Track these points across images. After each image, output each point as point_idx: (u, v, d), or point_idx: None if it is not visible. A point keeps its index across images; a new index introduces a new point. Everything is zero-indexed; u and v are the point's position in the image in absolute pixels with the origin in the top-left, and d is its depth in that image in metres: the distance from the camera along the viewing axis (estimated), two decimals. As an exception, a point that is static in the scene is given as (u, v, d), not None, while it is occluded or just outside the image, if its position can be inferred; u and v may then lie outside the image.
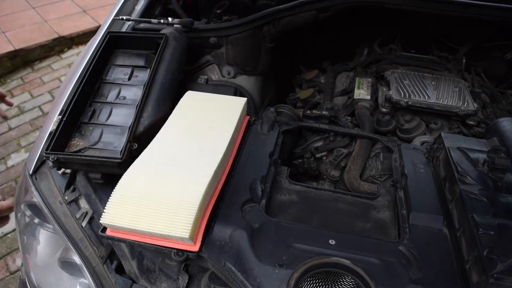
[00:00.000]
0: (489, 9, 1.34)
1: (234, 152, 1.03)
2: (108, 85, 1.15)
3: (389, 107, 1.40)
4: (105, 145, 0.99)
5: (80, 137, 1.01)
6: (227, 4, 1.67)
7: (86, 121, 1.05)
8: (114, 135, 1.02)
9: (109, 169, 0.96)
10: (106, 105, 1.09)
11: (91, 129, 1.03)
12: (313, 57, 1.89)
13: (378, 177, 1.18)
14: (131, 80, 1.16)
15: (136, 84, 1.15)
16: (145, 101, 1.08)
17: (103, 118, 1.06)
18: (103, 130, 1.03)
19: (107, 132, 1.02)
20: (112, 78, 1.17)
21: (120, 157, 0.93)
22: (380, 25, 1.79)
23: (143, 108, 1.07)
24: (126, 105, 1.09)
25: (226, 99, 1.16)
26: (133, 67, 1.19)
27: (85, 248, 1.00)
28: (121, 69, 1.19)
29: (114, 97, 1.11)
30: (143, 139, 1.00)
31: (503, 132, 1.04)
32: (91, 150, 0.98)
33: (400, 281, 0.76)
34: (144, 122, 1.04)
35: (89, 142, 1.00)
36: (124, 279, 0.95)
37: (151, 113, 1.06)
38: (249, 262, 0.78)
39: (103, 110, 1.08)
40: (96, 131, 1.02)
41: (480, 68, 1.73)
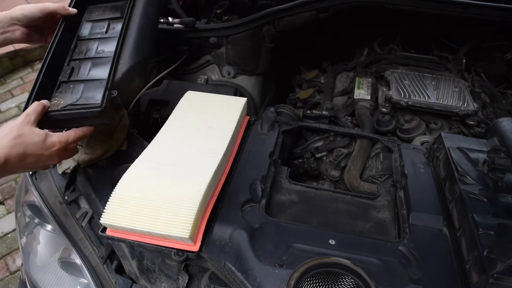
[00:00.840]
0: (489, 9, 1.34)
1: (234, 152, 1.03)
2: (85, 42, 1.09)
3: (389, 107, 1.40)
4: (87, 100, 0.95)
5: (61, 96, 0.96)
6: (227, 4, 1.67)
7: (65, 79, 1.00)
8: (95, 89, 0.97)
9: (91, 121, 0.94)
10: (85, 61, 1.04)
11: (71, 87, 0.98)
12: (313, 57, 1.89)
13: (378, 177, 1.18)
14: (108, 33, 1.10)
15: (113, 36, 1.09)
16: (121, 48, 1.04)
17: (83, 74, 1.01)
18: (83, 86, 0.98)
19: (88, 87, 0.98)
20: (88, 34, 1.11)
21: (99, 104, 0.90)
22: (380, 25, 1.79)
23: (120, 55, 1.03)
24: (105, 57, 1.04)
25: (226, 99, 1.16)
26: (109, 19, 1.13)
27: (85, 248, 1.00)
28: (97, 24, 1.13)
29: (92, 52, 1.06)
30: (122, 85, 0.99)
31: (503, 132, 1.04)
32: (73, 106, 0.94)
33: (400, 281, 0.76)
34: (122, 69, 1.01)
35: (70, 100, 0.95)
36: (124, 279, 0.95)
37: (128, 60, 1.03)
38: (249, 262, 0.78)
39: (82, 66, 1.03)
40: (77, 88, 0.98)
41: (480, 68, 1.73)
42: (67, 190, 1.07)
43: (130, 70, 1.02)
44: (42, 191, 1.09)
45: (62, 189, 1.07)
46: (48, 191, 1.09)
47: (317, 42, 1.91)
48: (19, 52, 3.46)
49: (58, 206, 1.06)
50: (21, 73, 3.45)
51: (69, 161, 1.07)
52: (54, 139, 0.86)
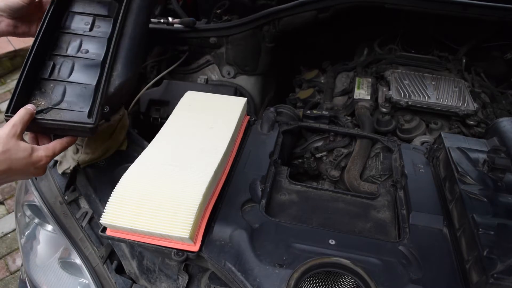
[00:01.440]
0: (489, 9, 1.34)
1: (234, 152, 1.03)
2: (67, 36, 1.00)
3: (389, 107, 1.40)
4: (69, 105, 0.90)
5: (41, 96, 0.91)
6: (227, 4, 1.67)
7: (46, 76, 0.93)
8: (78, 94, 0.92)
9: (79, 133, 0.92)
10: (67, 59, 0.96)
11: (52, 86, 0.92)
12: (313, 57, 1.89)
13: (378, 177, 1.18)
14: (93, 31, 1.02)
15: (99, 36, 1.01)
16: (114, 58, 0.98)
17: (64, 74, 0.94)
18: (66, 88, 0.92)
19: (71, 90, 0.92)
20: (71, 27, 1.02)
21: (93, 122, 0.87)
22: (380, 25, 1.79)
23: (113, 67, 0.97)
24: (90, 59, 0.97)
25: (226, 99, 1.16)
26: (94, 15, 1.04)
27: (85, 248, 1.00)
28: (81, 17, 1.04)
29: (75, 50, 0.98)
30: (113, 100, 0.95)
31: (503, 132, 1.04)
32: (55, 111, 0.89)
33: (400, 281, 0.76)
34: (115, 82, 0.95)
35: (51, 101, 0.90)
36: (124, 279, 0.95)
37: (121, 72, 0.97)
38: (249, 262, 0.78)
39: (64, 64, 0.95)
40: (58, 89, 0.92)
41: (480, 68, 1.73)
42: (67, 190, 1.07)
43: (122, 85, 0.97)
44: (42, 191, 1.09)
45: (62, 189, 1.07)
46: (48, 191, 1.09)
47: (317, 42, 1.91)
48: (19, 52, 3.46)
49: (58, 206, 1.06)
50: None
51: (69, 161, 1.07)
52: (40, 153, 0.84)
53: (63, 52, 0.98)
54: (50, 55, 0.97)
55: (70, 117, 0.88)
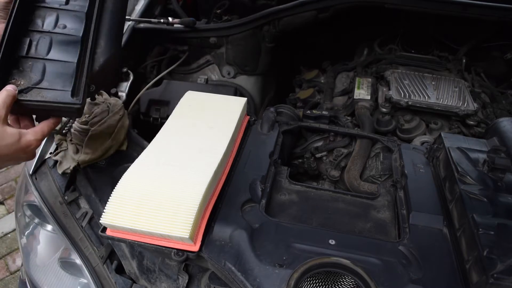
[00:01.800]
0: (489, 9, 1.34)
1: (234, 152, 1.03)
2: (42, 10, 0.93)
3: (389, 107, 1.40)
4: (51, 84, 0.85)
5: (20, 75, 0.85)
6: (227, 4, 1.67)
7: (23, 54, 0.87)
8: (59, 72, 0.87)
9: (65, 114, 0.88)
10: (44, 35, 0.90)
11: (30, 65, 0.86)
12: (313, 57, 1.89)
13: (378, 177, 1.18)
14: (70, 4, 0.95)
15: (76, 10, 0.94)
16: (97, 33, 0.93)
17: (42, 51, 0.88)
18: (45, 66, 0.87)
19: (50, 69, 0.87)
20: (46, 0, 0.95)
21: (79, 102, 0.84)
22: (380, 25, 1.79)
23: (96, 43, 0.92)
24: (68, 35, 0.91)
25: (226, 99, 1.16)
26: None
27: (85, 248, 1.00)
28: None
29: (51, 25, 0.92)
30: (98, 79, 0.91)
31: (503, 132, 1.04)
32: (36, 91, 0.84)
33: (400, 281, 0.76)
34: (99, 59, 0.91)
35: (31, 81, 0.84)
36: (124, 279, 0.95)
37: (105, 49, 0.93)
38: (249, 262, 0.78)
39: (41, 41, 0.89)
40: (37, 67, 0.86)
41: (480, 68, 1.73)
42: (67, 190, 1.07)
43: (108, 61, 0.92)
44: (42, 191, 1.09)
45: (62, 189, 1.07)
46: (48, 191, 1.09)
47: (317, 42, 1.91)
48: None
49: (58, 206, 1.06)
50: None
51: (69, 161, 1.07)
52: (29, 138, 0.80)
53: (39, 28, 0.91)
54: (26, 31, 0.90)
55: (53, 97, 0.84)
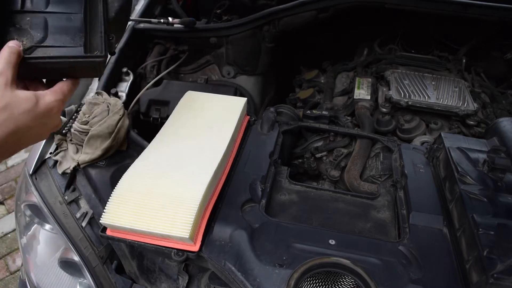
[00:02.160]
0: (489, 9, 1.34)
1: (234, 152, 1.03)
2: None
3: (389, 107, 1.40)
4: (57, 41, 0.71)
5: (18, 33, 0.71)
6: (227, 4, 1.67)
7: (17, 8, 0.72)
8: (64, 27, 0.73)
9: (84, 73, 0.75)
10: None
11: (28, 20, 0.72)
12: (313, 57, 1.89)
13: (378, 177, 1.18)
14: None
15: None
16: None
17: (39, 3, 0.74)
18: (46, 21, 0.73)
19: (53, 23, 0.73)
20: None
21: (102, 54, 0.72)
22: (380, 25, 1.79)
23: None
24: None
25: (226, 99, 1.16)
26: None
27: (85, 248, 1.00)
28: None
29: None
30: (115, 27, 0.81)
31: (503, 132, 1.04)
32: (42, 50, 0.70)
33: (400, 281, 0.76)
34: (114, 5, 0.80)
35: (33, 39, 0.70)
36: (124, 279, 0.95)
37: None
38: (249, 262, 0.78)
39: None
40: (37, 23, 0.72)
41: (480, 68, 1.73)
42: (67, 190, 1.07)
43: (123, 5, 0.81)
44: (42, 191, 1.09)
45: (62, 189, 1.07)
46: (48, 191, 1.09)
47: (317, 42, 1.91)
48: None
49: (58, 206, 1.06)
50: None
51: (69, 161, 1.07)
52: (48, 99, 0.66)
53: None
54: None
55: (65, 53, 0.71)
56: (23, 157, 2.70)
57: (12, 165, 2.67)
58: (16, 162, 2.69)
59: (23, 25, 0.72)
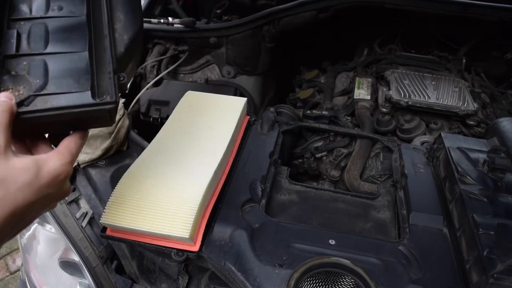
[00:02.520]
0: (489, 9, 1.34)
1: (234, 152, 1.03)
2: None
3: (389, 107, 1.40)
4: (59, 87, 0.61)
5: (14, 81, 0.60)
6: (227, 4, 1.67)
7: (11, 53, 0.63)
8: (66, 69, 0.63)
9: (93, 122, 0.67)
10: (36, 22, 0.66)
11: (25, 65, 0.62)
12: (313, 57, 1.89)
13: (378, 177, 1.18)
14: None
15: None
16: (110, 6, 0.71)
17: (38, 44, 0.64)
18: (46, 64, 0.63)
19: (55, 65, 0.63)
20: None
21: (113, 100, 0.62)
22: (380, 25, 1.79)
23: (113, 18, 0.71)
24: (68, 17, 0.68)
25: (226, 99, 1.16)
26: None
27: (85, 248, 1.00)
28: None
29: (43, 8, 0.68)
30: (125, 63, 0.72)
31: (503, 132, 1.04)
32: (42, 99, 0.59)
33: (400, 281, 0.76)
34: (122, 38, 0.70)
35: (31, 87, 0.60)
36: (124, 279, 0.95)
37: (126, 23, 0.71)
38: (249, 262, 0.78)
39: (33, 31, 0.65)
40: (36, 67, 0.62)
41: (480, 68, 1.73)
42: (67, 190, 1.07)
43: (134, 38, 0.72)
44: (42, 191, 1.09)
45: (62, 189, 1.07)
46: (48, 191, 1.09)
47: (317, 42, 1.91)
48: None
49: (58, 206, 1.06)
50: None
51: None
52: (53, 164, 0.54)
53: (26, 15, 0.67)
54: (9, 21, 0.66)
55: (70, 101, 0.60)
56: (23, 157, 2.70)
57: (12, 165, 2.66)
58: (16, 162, 2.68)
59: (20, 71, 0.62)
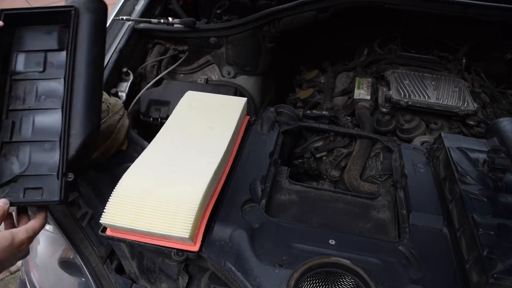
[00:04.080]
0: (489, 9, 1.34)
1: (234, 152, 1.03)
2: (21, 83, 0.88)
3: (389, 107, 1.40)
4: (36, 169, 0.82)
5: (6, 163, 0.82)
6: (227, 4, 1.67)
7: (7, 139, 0.83)
8: (44, 154, 0.83)
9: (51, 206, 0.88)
10: (26, 112, 0.86)
11: (16, 150, 0.83)
12: (313, 57, 1.89)
13: (378, 177, 1.18)
14: (47, 71, 0.90)
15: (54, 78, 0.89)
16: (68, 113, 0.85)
17: (26, 131, 0.84)
18: (30, 148, 0.83)
19: (36, 151, 0.83)
20: (23, 70, 0.89)
21: (59, 199, 0.81)
22: (380, 25, 1.79)
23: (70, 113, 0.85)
24: (49, 109, 0.86)
25: (226, 99, 1.16)
26: (44, 51, 0.91)
27: (85, 248, 1.00)
28: (31, 56, 0.91)
29: (32, 99, 0.87)
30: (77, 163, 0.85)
31: (503, 132, 1.04)
32: (23, 179, 0.82)
33: (400, 281, 0.76)
34: (75, 143, 0.83)
35: (18, 168, 0.82)
36: (124, 279, 0.95)
37: (80, 129, 0.84)
38: (249, 262, 0.78)
39: (24, 119, 0.85)
40: (23, 151, 0.83)
41: (480, 68, 1.73)
42: (67, 190, 1.07)
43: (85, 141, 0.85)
44: (42, 191, 1.09)
45: (62, 189, 1.07)
46: (48, 191, 1.09)
47: (317, 42, 1.91)
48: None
49: (58, 207, 1.06)
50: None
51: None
52: (21, 236, 0.77)
53: (20, 106, 0.86)
54: (7, 111, 0.86)
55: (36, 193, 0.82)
56: (23, 157, 2.70)
57: (12, 165, 2.66)
58: (16, 162, 2.68)
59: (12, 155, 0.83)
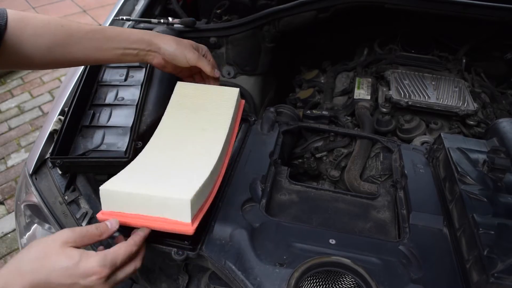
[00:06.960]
0: (489, 9, 1.34)
1: (233, 140, 1.02)
2: (105, 87, 1.15)
3: (389, 107, 1.40)
4: (108, 147, 1.00)
5: (83, 141, 1.02)
6: (227, 4, 1.67)
7: (87, 124, 1.05)
8: (116, 136, 1.02)
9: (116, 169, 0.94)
10: (105, 107, 1.09)
11: (92, 132, 1.03)
12: (313, 57, 1.89)
13: (378, 177, 1.18)
14: (128, 80, 1.17)
15: (133, 85, 1.15)
16: (145, 100, 1.10)
17: (103, 120, 1.06)
18: (105, 132, 1.03)
19: (109, 134, 1.03)
20: (108, 80, 1.17)
21: (126, 156, 0.95)
22: (380, 25, 1.79)
23: (144, 107, 1.08)
24: (125, 105, 1.09)
25: (219, 90, 1.13)
26: (128, 67, 1.20)
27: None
28: (116, 71, 1.20)
29: (112, 98, 1.12)
30: (146, 136, 1.01)
31: (503, 133, 1.05)
32: (95, 153, 0.99)
33: (400, 281, 0.76)
34: (146, 121, 1.06)
35: (92, 145, 1.00)
36: (124, 279, 0.94)
37: (152, 111, 1.07)
38: (249, 261, 0.78)
39: (102, 112, 1.08)
40: (98, 134, 1.03)
41: (480, 68, 1.73)
42: (67, 190, 1.07)
43: (153, 122, 1.04)
44: (42, 191, 1.09)
45: (62, 189, 1.07)
46: (48, 191, 1.09)
47: (317, 42, 1.91)
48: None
49: (58, 206, 1.06)
50: (21, 73, 3.44)
51: (69, 161, 1.08)
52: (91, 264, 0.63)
53: (101, 102, 1.11)
54: (90, 105, 1.10)
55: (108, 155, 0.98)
56: (23, 157, 2.70)
57: (12, 165, 2.66)
58: (16, 162, 2.69)
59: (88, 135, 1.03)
